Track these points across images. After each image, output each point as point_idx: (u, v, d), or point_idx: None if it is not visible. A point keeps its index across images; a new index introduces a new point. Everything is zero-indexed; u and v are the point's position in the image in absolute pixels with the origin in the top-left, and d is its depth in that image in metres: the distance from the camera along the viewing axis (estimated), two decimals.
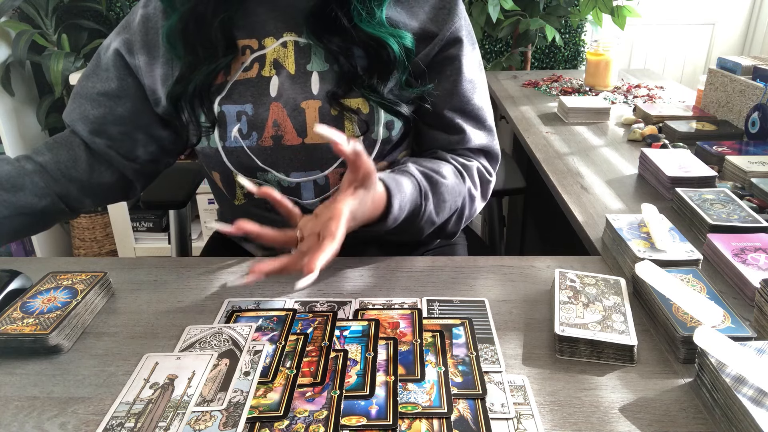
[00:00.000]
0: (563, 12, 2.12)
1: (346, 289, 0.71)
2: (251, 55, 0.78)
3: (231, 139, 0.78)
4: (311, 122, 0.77)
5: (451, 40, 0.80)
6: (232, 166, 0.80)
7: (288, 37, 0.78)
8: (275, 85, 0.78)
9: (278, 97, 0.77)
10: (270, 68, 0.78)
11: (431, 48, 0.80)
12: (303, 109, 0.77)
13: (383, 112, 0.78)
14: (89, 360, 0.59)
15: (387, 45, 0.75)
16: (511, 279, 0.73)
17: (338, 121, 0.78)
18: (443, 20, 0.80)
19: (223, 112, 0.78)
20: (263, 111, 0.77)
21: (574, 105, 1.41)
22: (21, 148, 2.15)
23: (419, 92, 0.80)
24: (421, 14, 0.80)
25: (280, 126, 0.77)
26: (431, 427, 0.49)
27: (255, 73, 0.78)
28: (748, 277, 0.67)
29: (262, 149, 0.79)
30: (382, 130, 0.79)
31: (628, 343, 0.58)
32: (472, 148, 0.85)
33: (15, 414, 0.52)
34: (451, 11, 0.80)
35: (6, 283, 0.67)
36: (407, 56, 0.77)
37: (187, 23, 0.77)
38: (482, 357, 0.58)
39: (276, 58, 0.78)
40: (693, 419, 0.51)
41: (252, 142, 0.78)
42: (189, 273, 0.75)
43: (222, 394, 0.52)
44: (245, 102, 0.78)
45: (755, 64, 1.25)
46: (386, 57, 0.76)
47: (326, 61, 0.78)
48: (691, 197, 0.87)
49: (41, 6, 2.05)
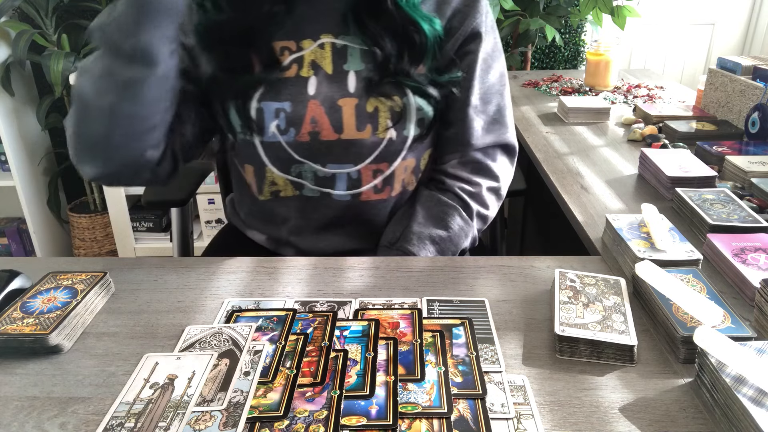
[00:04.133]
0: (563, 12, 2.12)
1: (346, 289, 0.71)
2: (289, 56, 0.81)
3: (269, 134, 0.81)
4: (348, 119, 0.81)
5: (471, 35, 0.85)
6: (268, 159, 0.84)
7: (325, 38, 0.82)
8: (313, 84, 0.81)
9: (316, 95, 0.81)
10: (308, 69, 0.81)
11: (453, 42, 0.84)
12: (340, 107, 0.81)
13: (414, 109, 0.82)
14: (89, 360, 0.59)
15: (421, 28, 0.79)
16: (511, 279, 0.73)
17: (373, 118, 0.81)
18: (465, 15, 0.84)
19: (262, 108, 0.81)
20: (301, 108, 0.80)
21: (574, 105, 1.41)
22: (21, 148, 2.15)
23: (448, 80, 0.84)
24: (448, 11, 0.84)
25: (318, 122, 0.81)
26: (431, 427, 0.49)
27: (294, 72, 0.81)
28: (748, 277, 0.67)
29: (299, 144, 0.82)
30: (413, 127, 0.83)
31: (628, 343, 0.58)
32: (487, 144, 0.90)
33: (15, 414, 0.52)
34: (473, 8, 0.84)
35: (6, 283, 0.67)
36: (438, 43, 0.82)
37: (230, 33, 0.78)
38: (482, 357, 0.58)
39: (314, 59, 0.81)
40: (693, 419, 0.51)
41: (290, 137, 0.81)
42: (189, 273, 0.75)
43: (222, 394, 0.52)
44: (284, 99, 0.81)
45: (755, 64, 1.25)
46: (419, 41, 0.80)
47: (362, 60, 0.81)
48: (691, 197, 0.87)
49: (41, 6, 2.05)
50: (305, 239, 0.90)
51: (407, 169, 0.88)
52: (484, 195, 0.90)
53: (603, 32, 2.28)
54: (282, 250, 0.94)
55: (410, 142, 0.84)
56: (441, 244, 0.85)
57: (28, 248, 2.38)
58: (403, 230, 0.86)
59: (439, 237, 0.85)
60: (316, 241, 0.90)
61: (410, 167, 0.88)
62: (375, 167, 0.84)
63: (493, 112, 0.89)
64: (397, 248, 0.85)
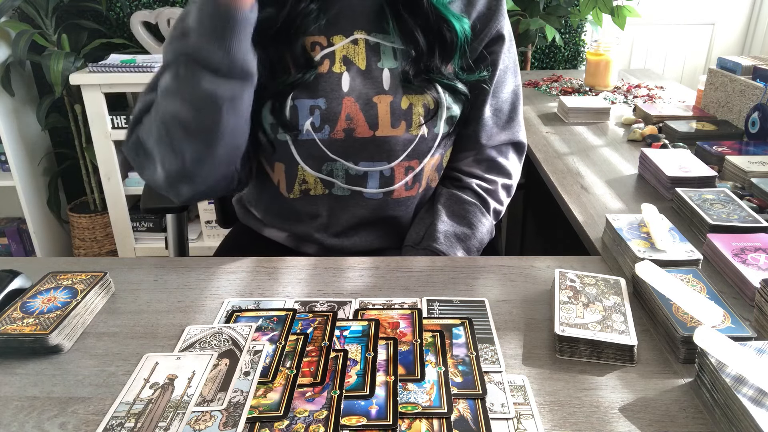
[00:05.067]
0: (563, 12, 2.12)
1: (346, 289, 0.71)
2: (321, 52, 0.82)
3: (303, 132, 0.81)
4: (383, 116, 0.82)
5: (495, 36, 0.87)
6: (300, 157, 0.84)
7: (359, 35, 0.82)
8: (347, 80, 0.81)
9: (351, 91, 0.81)
10: (340, 64, 0.82)
11: (478, 43, 0.87)
12: (375, 104, 0.81)
13: (445, 106, 0.84)
14: (89, 360, 0.59)
15: (453, 26, 0.81)
16: (511, 279, 0.73)
17: (407, 115, 0.82)
18: (490, 17, 0.86)
19: (296, 106, 0.81)
20: (336, 105, 0.81)
21: (574, 105, 1.41)
22: (21, 148, 2.15)
23: (475, 78, 0.86)
24: (473, 13, 0.86)
25: (353, 119, 0.81)
26: (431, 427, 0.49)
27: (326, 68, 0.81)
28: (748, 277, 0.67)
29: (333, 141, 0.82)
30: (443, 125, 0.85)
31: (628, 343, 0.58)
32: (501, 142, 0.93)
33: (15, 414, 0.52)
34: (497, 10, 0.87)
35: (6, 283, 0.67)
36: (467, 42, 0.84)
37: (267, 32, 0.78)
38: (482, 357, 0.58)
39: (345, 55, 0.82)
40: (693, 419, 0.51)
41: (324, 134, 0.82)
42: (189, 273, 0.75)
43: (222, 394, 0.52)
44: (318, 96, 0.81)
45: (755, 64, 1.25)
46: (450, 39, 0.81)
47: (395, 58, 0.82)
48: (691, 197, 0.87)
49: (41, 6, 2.05)
50: (331, 237, 0.90)
51: (434, 166, 0.89)
52: (499, 192, 0.93)
53: (603, 32, 2.28)
54: (304, 247, 0.93)
55: (440, 139, 0.86)
56: (466, 241, 0.87)
57: (28, 248, 2.38)
58: (427, 229, 0.87)
59: (464, 235, 0.87)
60: (342, 239, 0.90)
61: (436, 164, 0.90)
62: (407, 164, 0.85)
63: (508, 111, 0.92)
64: (425, 248, 0.85)
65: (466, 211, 0.89)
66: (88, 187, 2.32)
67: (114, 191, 2.18)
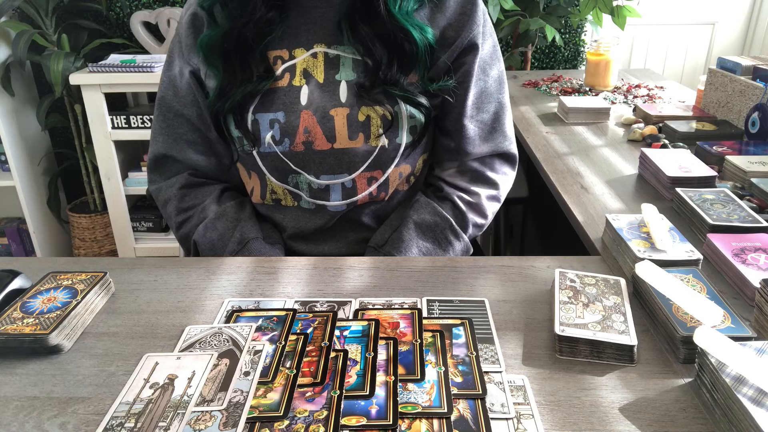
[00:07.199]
0: (563, 12, 2.12)
1: (346, 289, 0.71)
2: (282, 65, 0.82)
3: (265, 145, 0.83)
4: (340, 128, 0.82)
5: (468, 46, 0.84)
6: (266, 169, 0.86)
7: (318, 48, 0.82)
8: (305, 93, 0.81)
9: (308, 105, 0.81)
10: (300, 78, 0.82)
11: (450, 53, 0.84)
12: (332, 116, 0.81)
13: (406, 117, 0.82)
14: (89, 360, 0.59)
15: (412, 37, 0.79)
16: (511, 279, 0.73)
17: (365, 127, 0.82)
18: (461, 27, 0.83)
19: (257, 120, 0.82)
20: (294, 118, 0.82)
21: (574, 105, 1.41)
22: (21, 148, 2.15)
23: (438, 88, 0.83)
24: (442, 20, 0.83)
25: (311, 132, 0.82)
26: (431, 427, 0.49)
27: (286, 82, 0.82)
28: (748, 277, 0.67)
29: (295, 154, 0.83)
30: (406, 135, 0.84)
31: (628, 343, 0.58)
32: (485, 153, 0.90)
33: (15, 414, 0.52)
34: (470, 17, 0.83)
35: (6, 283, 0.67)
36: (428, 52, 0.81)
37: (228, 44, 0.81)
38: (482, 357, 0.58)
39: (305, 68, 0.82)
40: (693, 419, 0.51)
41: (285, 147, 0.83)
42: (189, 273, 0.75)
43: (222, 394, 0.52)
44: (277, 110, 0.82)
45: (755, 64, 1.25)
46: (409, 49, 0.79)
47: (354, 70, 0.82)
48: (691, 197, 0.87)
49: (41, 6, 2.05)
50: (300, 245, 0.92)
51: (402, 174, 0.88)
52: (483, 204, 0.91)
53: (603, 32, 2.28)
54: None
55: (403, 149, 0.85)
56: (426, 255, 0.86)
57: (28, 248, 2.38)
58: (392, 233, 0.87)
59: (426, 248, 0.86)
60: (311, 246, 0.91)
61: (405, 173, 0.89)
62: (369, 175, 0.85)
63: (490, 120, 0.89)
64: (384, 252, 0.86)
65: (436, 224, 0.87)
66: (88, 187, 2.32)
67: (114, 191, 2.18)
